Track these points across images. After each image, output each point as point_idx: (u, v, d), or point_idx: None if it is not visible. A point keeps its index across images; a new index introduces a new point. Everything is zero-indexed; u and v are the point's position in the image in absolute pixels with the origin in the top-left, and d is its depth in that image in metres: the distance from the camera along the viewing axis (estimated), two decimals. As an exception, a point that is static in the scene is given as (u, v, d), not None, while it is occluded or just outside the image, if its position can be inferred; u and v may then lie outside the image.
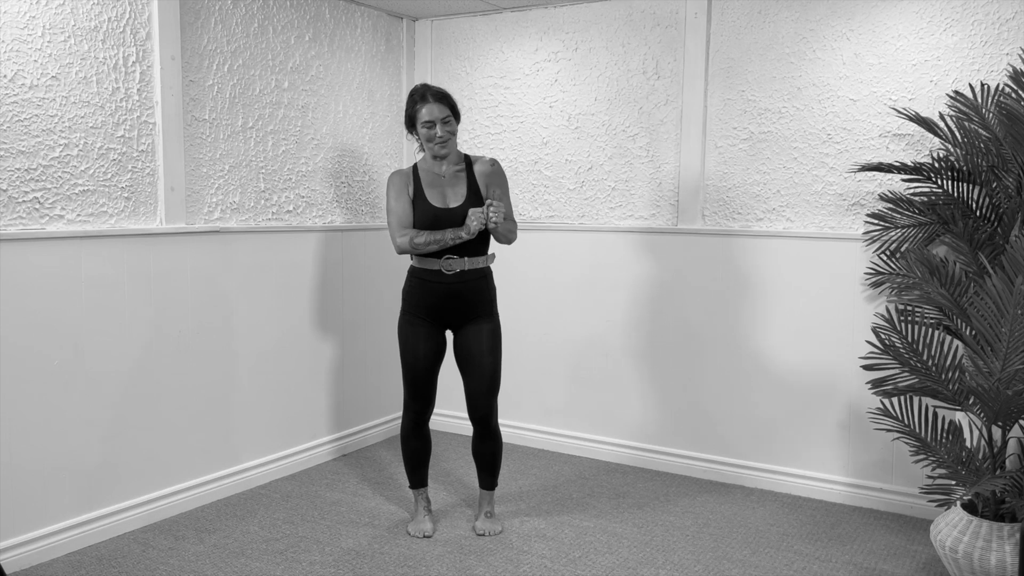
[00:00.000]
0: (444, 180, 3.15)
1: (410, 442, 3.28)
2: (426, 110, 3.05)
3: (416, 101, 3.08)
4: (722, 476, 3.90)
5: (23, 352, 2.87)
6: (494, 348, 3.19)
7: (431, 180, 3.15)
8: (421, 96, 3.07)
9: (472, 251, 3.11)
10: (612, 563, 3.03)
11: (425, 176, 3.15)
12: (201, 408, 3.50)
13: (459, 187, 3.14)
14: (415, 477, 3.32)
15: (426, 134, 3.08)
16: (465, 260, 3.10)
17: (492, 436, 3.27)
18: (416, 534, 3.24)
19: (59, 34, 2.92)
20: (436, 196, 3.12)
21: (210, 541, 3.16)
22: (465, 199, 3.11)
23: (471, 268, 3.12)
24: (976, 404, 2.72)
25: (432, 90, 3.08)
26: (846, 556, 3.11)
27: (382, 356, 4.45)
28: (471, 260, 3.11)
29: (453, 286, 3.10)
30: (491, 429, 3.25)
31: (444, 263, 3.08)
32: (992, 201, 3.04)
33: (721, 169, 3.83)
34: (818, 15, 3.56)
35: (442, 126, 3.06)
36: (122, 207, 3.17)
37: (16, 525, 2.89)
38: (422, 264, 3.13)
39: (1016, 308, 2.47)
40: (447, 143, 3.09)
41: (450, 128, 3.08)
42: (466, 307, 3.15)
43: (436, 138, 3.07)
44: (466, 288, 3.12)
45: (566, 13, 4.15)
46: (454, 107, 3.12)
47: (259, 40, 3.67)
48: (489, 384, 3.19)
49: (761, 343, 3.77)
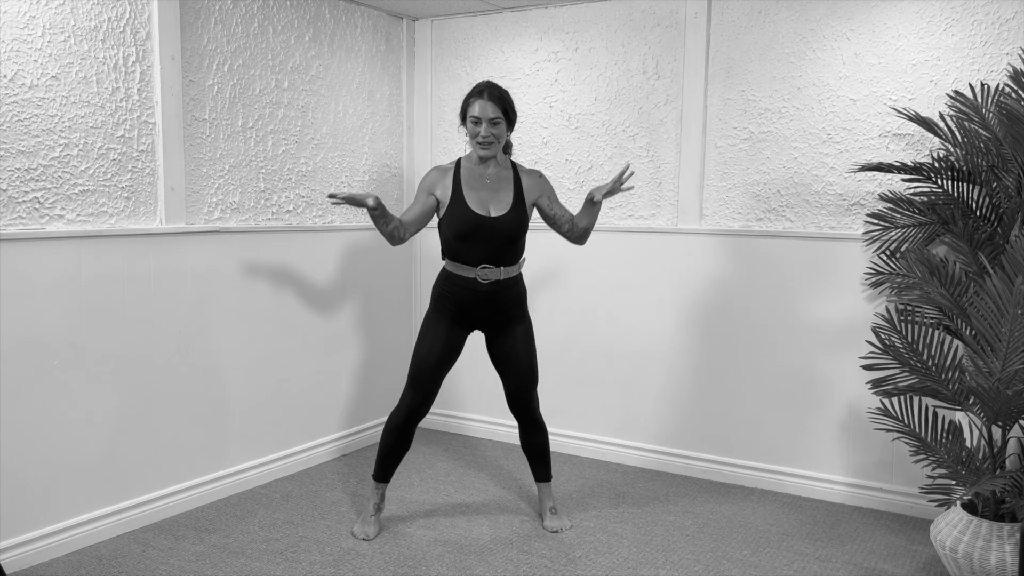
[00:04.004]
0: (488, 184, 3.06)
1: (393, 436, 3.20)
2: (478, 106, 2.96)
3: (472, 94, 3.00)
4: (722, 476, 3.90)
5: (23, 352, 2.87)
6: (529, 346, 3.21)
7: (473, 181, 3.05)
8: (479, 91, 2.98)
9: (508, 260, 3.07)
10: (612, 563, 3.03)
11: (467, 175, 3.06)
12: (201, 408, 3.50)
13: (504, 194, 3.06)
14: (383, 470, 3.25)
15: (472, 130, 3.00)
16: (501, 270, 3.06)
17: (538, 427, 3.30)
18: (359, 535, 3.19)
19: (59, 34, 2.92)
20: (476, 201, 3.02)
21: (210, 541, 3.16)
22: (510, 208, 3.03)
23: (507, 277, 3.09)
24: (976, 404, 2.72)
25: (492, 88, 2.99)
26: (846, 556, 3.12)
27: (382, 356, 4.44)
28: (507, 270, 3.08)
29: (488, 295, 3.07)
30: (535, 421, 3.29)
31: (480, 272, 3.03)
32: (992, 201, 3.04)
33: (721, 169, 3.83)
34: (818, 15, 3.56)
35: (489, 125, 2.96)
36: (122, 207, 3.17)
37: (16, 525, 2.89)
38: (456, 270, 3.07)
39: (1016, 308, 2.47)
40: (491, 145, 3.00)
41: (498, 131, 2.98)
42: (499, 314, 3.14)
43: (480, 137, 2.98)
44: (500, 296, 3.10)
45: (566, 13, 4.15)
46: (508, 112, 3.00)
47: (259, 40, 3.67)
48: (528, 379, 3.22)
49: (761, 343, 3.77)
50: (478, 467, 4.06)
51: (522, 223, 3.08)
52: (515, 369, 3.20)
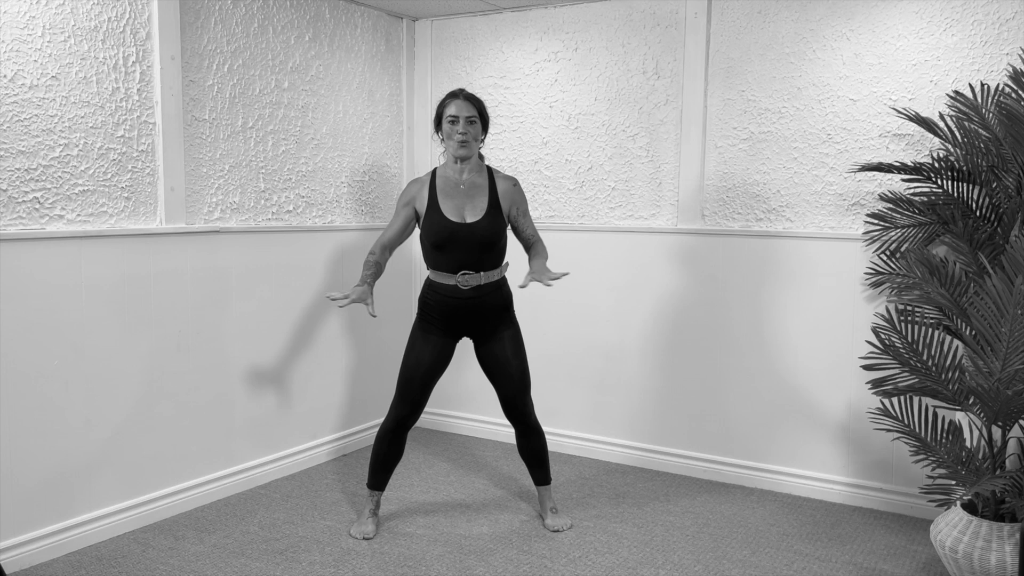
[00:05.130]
0: (462, 190, 3.10)
1: (384, 444, 3.23)
2: (454, 106, 3.07)
3: (446, 97, 3.11)
4: (722, 476, 3.90)
5: (23, 352, 2.87)
6: (518, 351, 3.21)
7: (448, 189, 3.10)
8: (453, 94, 3.11)
9: (487, 265, 3.10)
10: (612, 563, 3.03)
11: (443, 184, 3.11)
12: (201, 408, 3.50)
13: (479, 200, 3.10)
14: (376, 479, 3.28)
15: (448, 130, 3.08)
16: (481, 275, 3.08)
17: (534, 431, 3.30)
18: (357, 535, 3.21)
19: (59, 34, 2.92)
20: (452, 208, 3.07)
21: (210, 541, 3.16)
22: (485, 214, 3.08)
23: (487, 282, 3.11)
24: (976, 404, 2.72)
25: (466, 92, 3.12)
26: (846, 556, 3.11)
27: (382, 356, 4.44)
28: (487, 275, 3.10)
29: (470, 301, 3.09)
30: (531, 425, 3.28)
31: (460, 279, 3.06)
32: (992, 201, 3.04)
33: (721, 169, 3.83)
34: (818, 15, 3.56)
35: (465, 123, 3.06)
36: (122, 207, 3.17)
37: (16, 525, 2.89)
38: (438, 278, 3.11)
39: (1016, 308, 2.47)
40: (468, 144, 3.07)
41: (474, 130, 3.08)
42: (484, 320, 3.15)
43: (457, 134, 3.05)
44: (483, 302, 3.11)
45: (566, 13, 4.15)
46: (483, 113, 3.13)
47: (259, 40, 3.67)
48: (520, 384, 3.21)
49: (761, 343, 3.77)
50: (478, 467, 4.06)
51: (498, 228, 3.11)
52: (506, 375, 3.20)
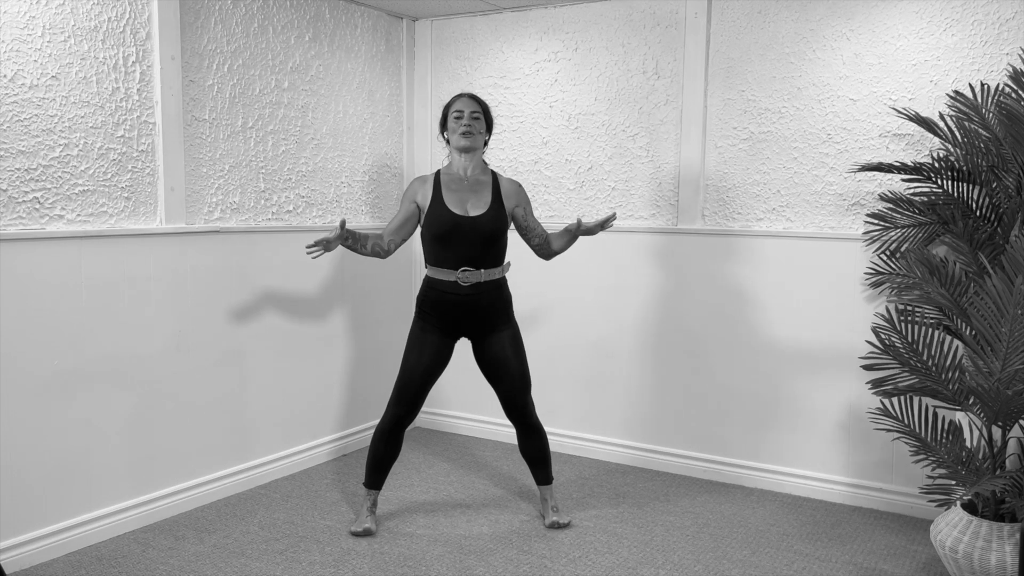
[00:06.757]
0: (466, 186, 3.14)
1: (381, 444, 3.23)
2: (460, 102, 3.18)
3: (453, 98, 3.21)
4: (722, 476, 3.90)
5: (23, 352, 2.87)
6: (518, 351, 3.22)
7: (452, 184, 3.14)
8: (459, 96, 3.22)
9: (488, 262, 3.11)
10: (612, 563, 3.03)
11: (447, 180, 3.15)
12: (200, 408, 3.50)
13: (483, 195, 3.14)
14: (373, 478, 3.28)
15: (453, 126, 3.15)
16: (482, 272, 3.09)
17: (535, 431, 3.30)
18: (358, 530, 3.22)
19: (59, 34, 2.92)
20: (456, 202, 3.09)
21: (210, 541, 3.16)
22: (488, 208, 3.10)
23: (487, 280, 3.11)
24: (976, 404, 2.72)
25: (471, 94, 3.24)
26: (846, 556, 3.12)
27: (382, 356, 4.44)
28: (488, 272, 3.10)
29: (469, 298, 3.09)
30: (532, 425, 3.29)
31: (461, 275, 3.06)
32: (992, 201, 3.04)
33: (721, 169, 3.83)
34: (818, 15, 3.56)
35: (470, 117, 3.14)
36: (122, 207, 3.17)
37: (16, 525, 2.89)
38: (437, 275, 3.11)
39: (1016, 308, 2.47)
40: (471, 135, 3.12)
41: (478, 124, 3.15)
42: (483, 319, 3.15)
43: (463, 125, 3.12)
44: (482, 300, 3.11)
45: (566, 13, 4.15)
46: (487, 113, 3.22)
47: (259, 40, 3.67)
48: (520, 385, 3.22)
49: (761, 343, 3.77)
50: (478, 467, 4.06)
51: (501, 222, 3.13)
52: (506, 376, 3.20)
